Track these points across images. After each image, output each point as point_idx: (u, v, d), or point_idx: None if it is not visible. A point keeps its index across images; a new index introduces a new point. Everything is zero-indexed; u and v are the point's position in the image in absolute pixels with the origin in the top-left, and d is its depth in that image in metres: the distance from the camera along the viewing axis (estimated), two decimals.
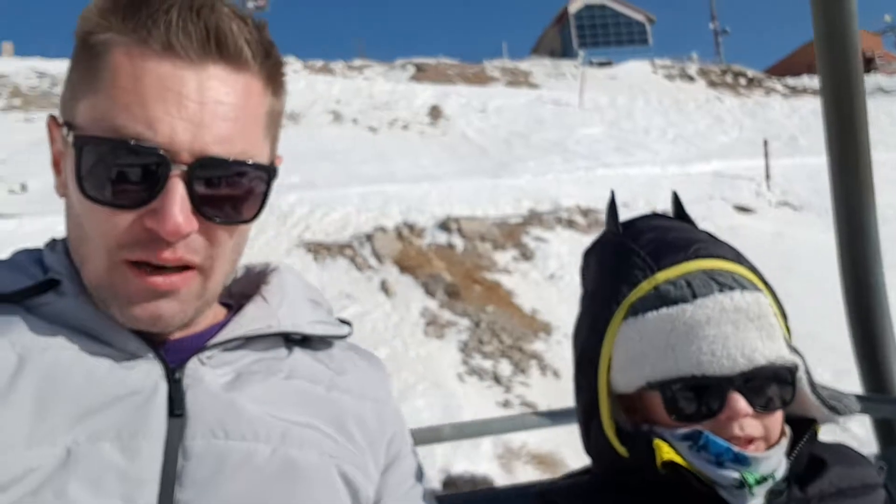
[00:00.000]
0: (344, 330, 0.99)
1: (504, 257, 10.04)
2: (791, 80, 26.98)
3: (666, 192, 13.30)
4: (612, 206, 1.17)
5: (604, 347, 1.03)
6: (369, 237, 9.69)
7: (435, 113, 19.64)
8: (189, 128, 0.74)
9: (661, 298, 0.99)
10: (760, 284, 1.03)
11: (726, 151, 17.56)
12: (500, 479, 5.73)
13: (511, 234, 10.68)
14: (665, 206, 10.24)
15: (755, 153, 15.69)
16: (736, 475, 0.95)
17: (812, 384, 1.04)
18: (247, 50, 0.78)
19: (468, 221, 10.47)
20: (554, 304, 9.09)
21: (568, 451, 6.15)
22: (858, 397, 1.46)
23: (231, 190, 0.79)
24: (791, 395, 1.00)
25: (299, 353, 0.92)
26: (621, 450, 1.01)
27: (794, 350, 1.03)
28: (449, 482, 5.60)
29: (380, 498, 0.91)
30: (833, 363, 8.27)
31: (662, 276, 1.01)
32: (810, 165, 15.40)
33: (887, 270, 1.75)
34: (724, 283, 0.99)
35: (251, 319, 0.88)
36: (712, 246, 1.04)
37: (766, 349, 0.97)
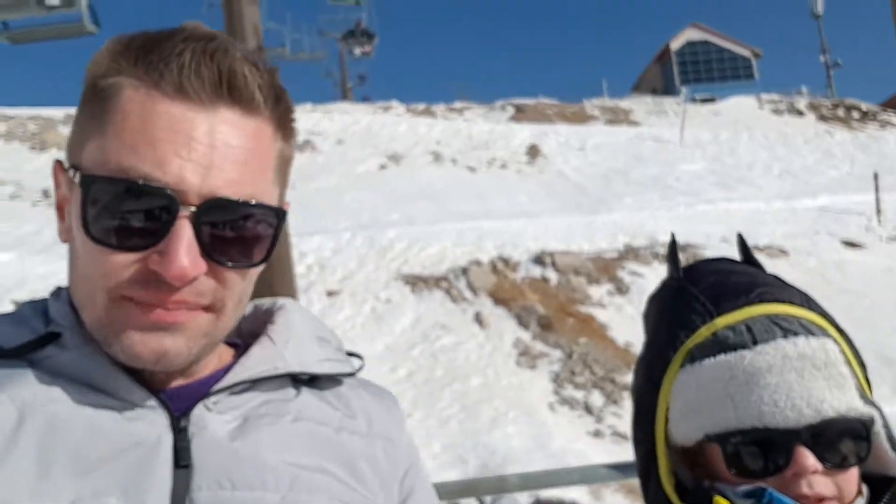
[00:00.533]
0: (352, 366, 0.96)
1: (598, 291, 10.08)
2: None
3: (770, 227, 12.99)
4: (673, 249, 1.13)
5: (660, 397, 0.99)
6: (464, 270, 9.96)
7: (533, 152, 19.88)
8: (198, 170, 0.74)
9: (719, 345, 0.95)
10: (832, 331, 0.97)
11: (835, 186, 16.95)
12: None
13: (606, 268, 10.71)
14: (768, 241, 10.04)
15: (866, 188, 15.09)
16: None
17: (891, 438, 0.97)
18: (258, 95, 0.78)
19: (562, 255, 10.58)
20: None
21: None
22: None
23: (239, 233, 0.78)
24: (866, 452, 0.93)
25: (307, 394, 0.90)
26: None
27: (871, 402, 0.96)
28: None
29: None
30: None
31: (722, 321, 0.96)
32: None
33: None
34: (788, 329, 0.94)
35: (257, 361, 0.86)
36: (777, 290, 0.99)
37: (835, 400, 0.91)
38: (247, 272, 0.81)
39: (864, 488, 0.95)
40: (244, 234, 0.78)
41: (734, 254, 1.12)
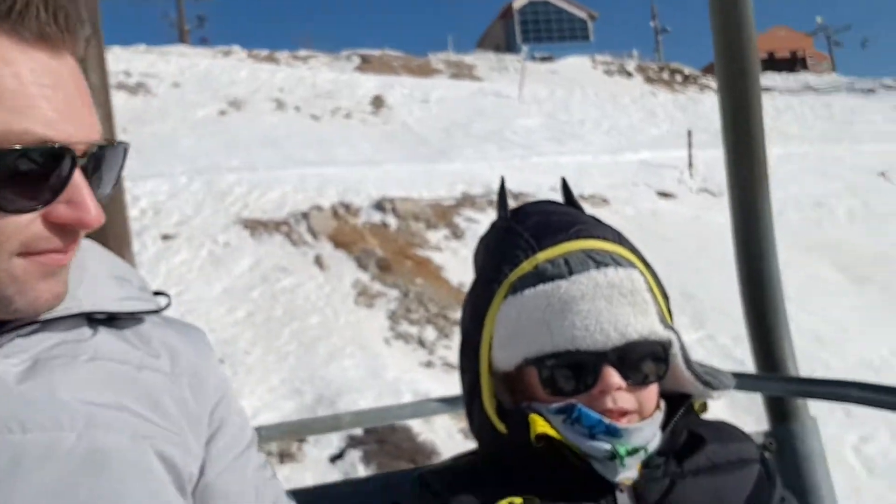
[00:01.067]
0: (156, 304, 0.94)
1: (436, 236, 10.52)
2: None
3: (595, 178, 13.93)
4: (503, 192, 1.19)
5: (485, 327, 1.05)
6: (305, 215, 10.07)
7: (377, 103, 20.00)
8: (74, 119, 0.74)
9: (539, 276, 1.01)
10: (639, 263, 1.05)
11: (655, 143, 18.32)
12: (421, 430, 6.19)
13: (443, 214, 11.16)
14: (593, 191, 10.84)
15: (683, 145, 16.48)
16: (607, 447, 0.97)
17: (687, 360, 1.06)
18: (79, 30, 0.76)
19: (402, 202, 10.92)
20: None
21: None
22: (751, 376, 1.59)
23: (107, 172, 0.80)
24: (664, 371, 1.03)
25: (105, 334, 0.87)
26: (500, 426, 1.03)
27: (670, 327, 1.05)
28: (371, 429, 6.05)
29: (203, 470, 0.88)
30: (732, 330, 8.98)
31: (543, 255, 1.02)
32: None
33: (821, 250, 1.98)
34: (600, 262, 1.00)
35: None
36: (593, 227, 1.06)
37: (639, 324, 0.99)
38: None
39: (662, 403, 1.05)
40: (111, 172, 0.80)
41: (559, 200, 1.20)
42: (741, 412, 6.62)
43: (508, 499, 1.00)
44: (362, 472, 5.63)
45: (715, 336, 8.76)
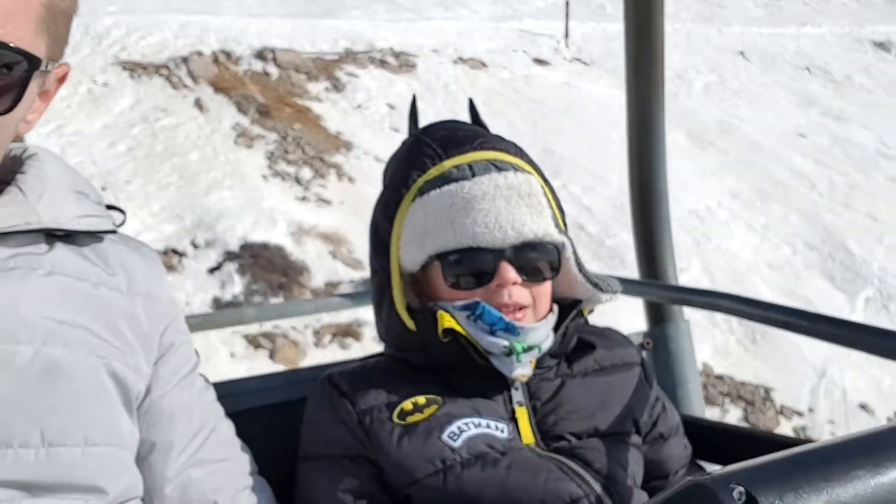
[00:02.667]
0: (113, 222, 0.94)
1: (316, 87, 10.88)
2: None
3: (475, 43, 14.42)
4: (413, 108, 1.24)
5: (394, 227, 1.10)
6: (185, 59, 10.19)
7: None
8: None
9: (444, 179, 1.07)
10: (537, 175, 1.13)
11: (539, 14, 18.84)
12: (293, 250, 6.87)
13: (326, 68, 11.47)
14: (472, 55, 11.40)
15: (563, 16, 17.09)
16: (505, 343, 1.03)
17: (579, 265, 1.13)
18: None
19: (284, 52, 11.14)
20: (358, 128, 10.15)
21: (351, 234, 7.37)
22: (633, 282, 1.65)
23: None
24: (557, 269, 1.10)
25: (62, 249, 0.86)
26: (410, 323, 1.08)
27: (564, 233, 1.12)
28: (246, 247, 6.68)
29: (150, 389, 0.91)
30: (583, 180, 9.98)
31: (449, 162, 1.09)
32: (611, 30, 17.02)
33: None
34: (502, 168, 1.07)
35: (6, 214, 0.82)
36: (497, 141, 1.13)
37: (535, 225, 1.06)
38: None
39: (556, 307, 1.13)
40: None
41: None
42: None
43: (413, 398, 1.06)
44: (238, 282, 6.29)
45: (568, 185, 9.73)
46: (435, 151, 1.10)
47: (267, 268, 6.46)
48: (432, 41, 13.67)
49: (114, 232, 0.93)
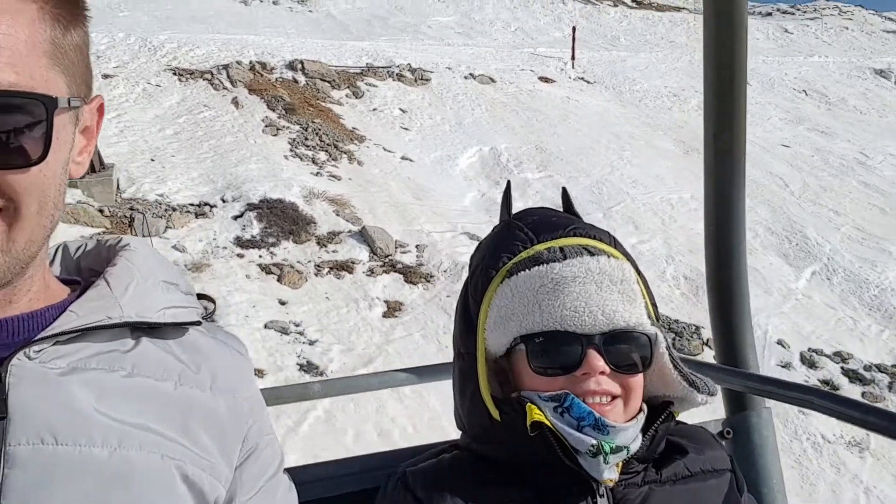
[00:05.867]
0: (200, 314, 0.93)
1: (338, 94, 12.47)
2: None
3: (487, 62, 15.98)
4: (507, 194, 1.21)
5: (482, 310, 1.07)
6: (226, 67, 11.88)
7: None
8: None
9: (534, 260, 1.04)
10: (630, 264, 1.08)
11: (555, 43, 20.41)
12: (304, 207, 8.30)
13: (348, 78, 13.09)
14: (483, 72, 13.13)
15: (579, 47, 18.62)
16: (593, 441, 0.98)
17: (674, 361, 1.08)
18: None
19: (312, 63, 12.79)
20: (371, 125, 11.69)
21: (354, 199, 8.78)
22: (712, 366, 1.63)
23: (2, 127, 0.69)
24: (649, 361, 1.05)
25: (147, 344, 0.84)
26: (495, 412, 1.04)
27: (658, 326, 1.08)
28: (265, 201, 8.15)
29: (234, 495, 0.88)
30: (567, 172, 11.30)
31: (541, 246, 1.06)
32: (618, 57, 18.50)
33: None
34: (594, 253, 1.04)
35: (90, 309, 0.81)
36: (590, 229, 1.10)
37: (627, 313, 1.02)
38: (31, 172, 0.72)
39: (645, 407, 1.08)
40: (4, 127, 0.70)
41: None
42: None
43: None
44: (256, 226, 7.73)
45: (553, 175, 11.05)
46: (526, 235, 1.08)
47: (281, 217, 7.90)
48: (448, 60, 15.26)
49: (199, 324, 0.91)
